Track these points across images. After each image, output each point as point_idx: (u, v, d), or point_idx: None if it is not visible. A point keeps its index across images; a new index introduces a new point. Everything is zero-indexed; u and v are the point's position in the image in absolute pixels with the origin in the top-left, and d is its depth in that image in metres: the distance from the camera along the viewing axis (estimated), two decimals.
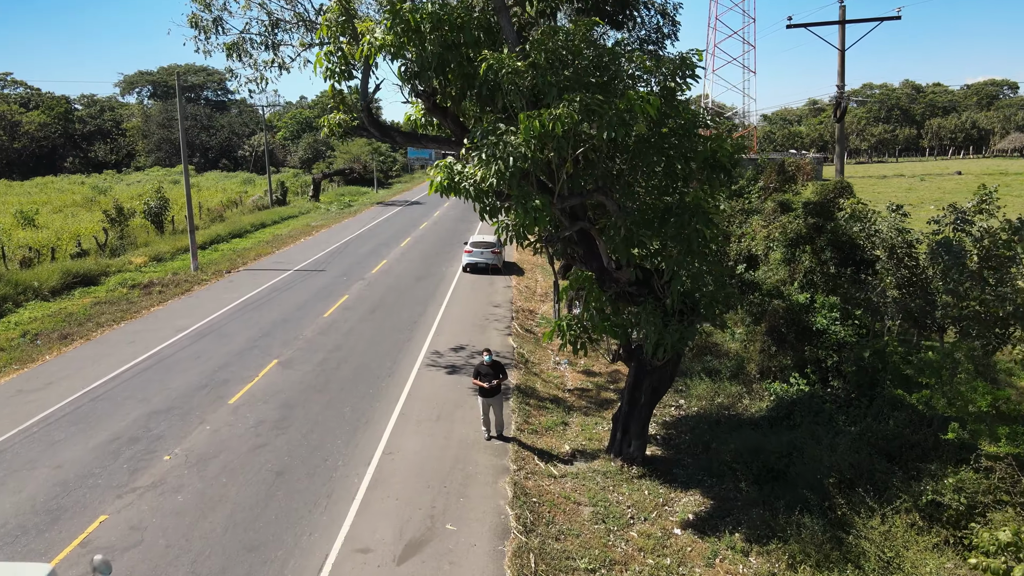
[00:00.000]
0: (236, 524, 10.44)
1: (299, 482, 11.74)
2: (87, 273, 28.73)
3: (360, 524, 10.55)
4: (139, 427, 13.81)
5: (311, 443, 13.23)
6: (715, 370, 17.81)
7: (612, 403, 16.47)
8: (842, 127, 19.96)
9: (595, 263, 12.88)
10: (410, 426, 14.15)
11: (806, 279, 17.22)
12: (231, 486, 11.56)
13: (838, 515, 10.64)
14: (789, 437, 12.68)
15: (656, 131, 11.55)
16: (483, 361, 13.59)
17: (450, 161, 11.40)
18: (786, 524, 10.54)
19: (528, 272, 30.96)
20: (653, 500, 12.21)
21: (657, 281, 12.42)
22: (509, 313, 23.30)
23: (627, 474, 12.93)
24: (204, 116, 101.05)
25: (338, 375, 16.96)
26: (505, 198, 11.52)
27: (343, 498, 11.27)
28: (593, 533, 10.99)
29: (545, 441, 14.13)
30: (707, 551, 10.77)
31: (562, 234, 12.22)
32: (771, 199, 21.03)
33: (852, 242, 16.42)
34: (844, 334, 15.50)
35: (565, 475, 12.81)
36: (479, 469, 12.45)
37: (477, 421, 14.09)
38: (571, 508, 11.65)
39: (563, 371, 18.68)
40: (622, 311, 13.03)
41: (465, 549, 10.03)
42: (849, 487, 10.93)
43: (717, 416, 15.42)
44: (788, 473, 11.96)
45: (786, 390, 15.21)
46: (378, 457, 12.73)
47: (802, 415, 13.84)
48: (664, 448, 14.51)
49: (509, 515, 10.88)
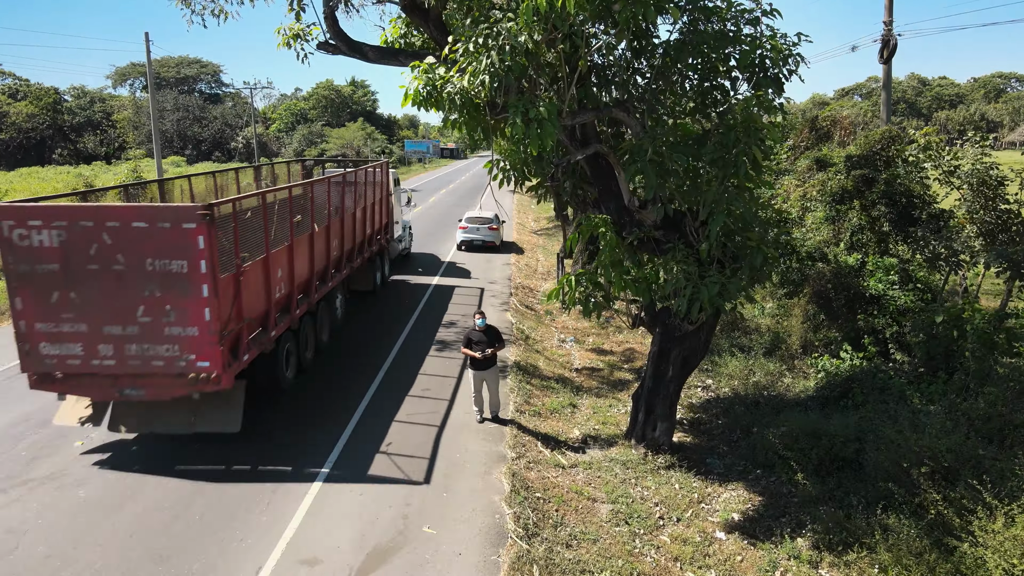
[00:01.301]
0: (147, 527, 7.96)
1: (238, 472, 9.25)
2: None
3: (310, 526, 8.07)
4: (55, 410, 11.31)
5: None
6: (746, 347, 15.34)
7: (628, 384, 13.99)
8: (889, 69, 17.55)
9: (612, 203, 10.41)
10: (389, 405, 11.65)
11: (854, 239, 14.74)
12: (149, 478, 9.07)
13: (932, 514, 8.15)
14: (855, 418, 10.19)
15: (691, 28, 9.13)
16: (475, 326, 11.11)
17: (431, 62, 8.94)
18: (868, 527, 8.05)
19: (528, 251, 28.48)
20: (686, 496, 9.73)
21: (690, 222, 9.95)
22: (507, 290, 20.81)
23: (652, 463, 10.46)
24: (197, 107, 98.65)
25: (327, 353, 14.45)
26: (500, 111, 9.05)
27: (291, 493, 8.79)
28: (614, 537, 8.50)
29: (550, 425, 11.65)
30: (763, 561, 8.29)
31: (572, 158, 9.73)
32: (804, 157, 18.58)
33: (910, 193, 13.95)
34: (905, 300, 13.02)
35: (576, 465, 10.34)
36: (468, 456, 9.98)
37: (466, 402, 11.62)
38: (585, 505, 9.17)
39: (569, 349, 16.20)
40: (645, 263, 10.57)
41: (447, 559, 7.56)
42: (946, 479, 8.44)
43: (755, 397, 12.93)
44: (859, 462, 9.48)
45: (837, 365, 12.73)
46: (343, 443, 10.25)
47: (864, 393, 11.36)
48: (693, 434, 12.03)
49: (506, 514, 8.42)
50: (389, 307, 18.23)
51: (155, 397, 9.23)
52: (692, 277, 9.35)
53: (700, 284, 9.28)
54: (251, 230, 10.06)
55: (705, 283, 9.29)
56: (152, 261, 8.64)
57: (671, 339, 10.76)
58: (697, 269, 9.45)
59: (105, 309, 8.77)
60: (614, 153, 9.83)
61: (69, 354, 8.92)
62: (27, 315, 8.81)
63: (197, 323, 8.80)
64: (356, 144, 66.77)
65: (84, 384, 9.14)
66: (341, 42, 11.10)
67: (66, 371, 8.99)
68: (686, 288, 9.34)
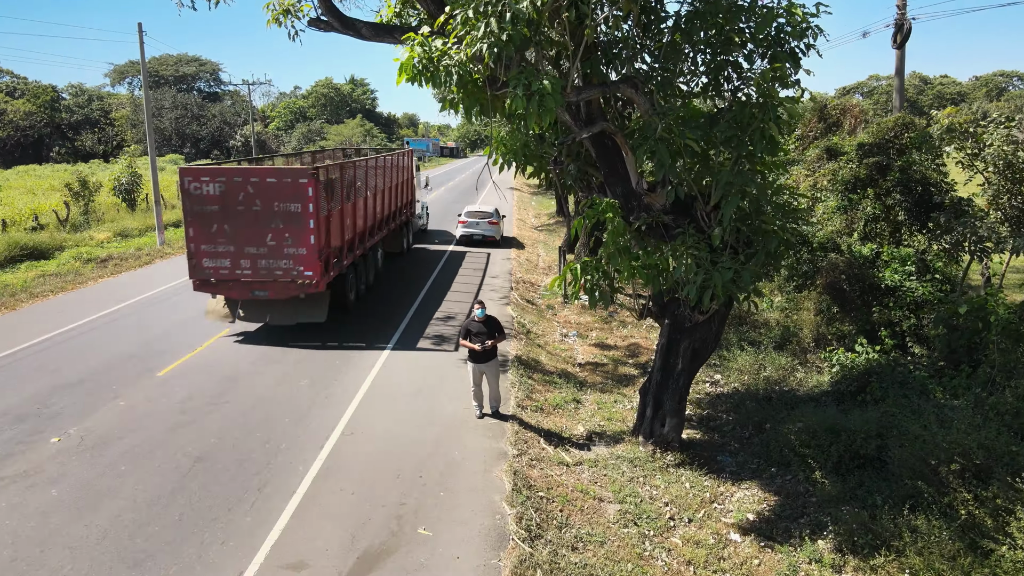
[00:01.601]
0: (121, 528, 7.42)
1: (223, 471, 8.72)
2: (39, 247, 25.74)
3: (297, 527, 7.53)
4: (35, 403, 10.80)
5: (251, 421, 10.22)
6: (755, 341, 14.80)
7: (633, 379, 13.45)
8: (902, 55, 16.98)
9: (619, 186, 9.86)
10: (381, 401, 11.13)
11: (867, 229, 14.19)
12: (130, 476, 8.54)
13: (963, 515, 7.61)
14: (876, 414, 9.65)
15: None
16: (474, 317, 10.56)
17: (427, 32, 8.40)
18: (896, 528, 7.51)
19: (529, 247, 27.93)
20: (698, 495, 9.19)
21: (701, 206, 9.41)
22: (508, 284, 20.27)
23: (661, 461, 9.92)
24: (195, 105, 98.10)
25: (299, 344, 13.94)
26: (500, 87, 8.51)
27: (279, 491, 8.25)
28: (622, 540, 7.96)
29: (553, 421, 11.11)
30: (781, 565, 7.75)
31: (578, 136, 9.19)
32: (813, 147, 18.03)
33: (927, 180, 13.40)
34: (922, 291, 12.48)
35: (580, 462, 9.79)
36: (467, 454, 9.44)
37: (466, 396, 11.09)
38: (590, 505, 8.63)
39: (572, 343, 15.65)
40: (654, 249, 10.03)
41: (444, 563, 7.02)
42: (977, 477, 7.90)
43: (766, 392, 12.39)
44: (881, 459, 8.94)
45: (853, 359, 12.18)
46: (335, 438, 9.72)
47: (883, 387, 10.82)
48: (702, 430, 11.49)
49: (507, 515, 7.88)
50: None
51: (275, 296, 13.63)
52: (703, 263, 8.81)
53: (712, 270, 8.74)
54: (334, 189, 14.36)
55: (717, 269, 8.75)
56: (278, 204, 13.15)
57: (680, 330, 10.23)
58: (709, 255, 8.92)
59: (246, 237, 13.30)
60: (621, 132, 9.28)
61: (221, 266, 13.48)
62: (195, 240, 13.40)
63: (306, 246, 13.27)
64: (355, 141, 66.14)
65: (229, 287, 13.65)
66: (333, 18, 10.57)
67: (218, 278, 13.56)
68: (697, 275, 8.81)
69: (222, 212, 13.19)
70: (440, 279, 20.56)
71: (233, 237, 13.29)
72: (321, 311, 14.11)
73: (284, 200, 13.13)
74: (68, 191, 33.53)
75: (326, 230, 13.75)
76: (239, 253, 13.35)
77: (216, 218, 13.20)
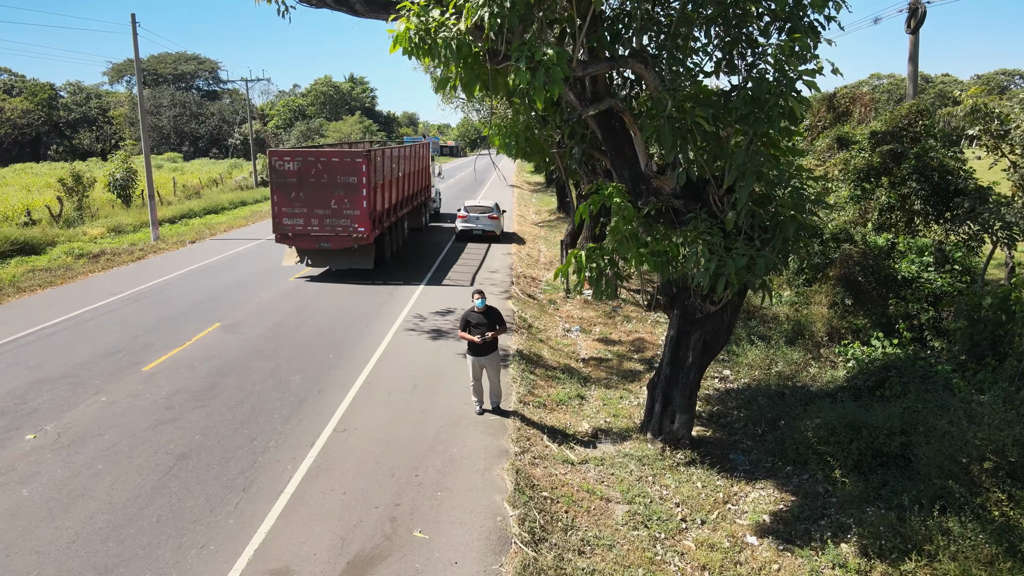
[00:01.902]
0: (94, 531, 6.91)
1: (207, 469, 8.20)
2: (30, 242, 25.18)
3: (283, 530, 7.01)
4: (12, 399, 10.27)
5: (237, 418, 9.70)
6: (765, 336, 14.29)
7: (639, 375, 12.94)
8: (916, 40, 16.44)
9: (626, 169, 9.35)
10: (376, 397, 10.61)
11: (882, 219, 13.68)
12: (107, 475, 8.02)
13: (997, 516, 7.11)
14: (899, 409, 9.13)
15: None
16: (473, 307, 10.04)
17: (422, 2, 7.88)
18: (927, 531, 6.99)
19: (530, 242, 27.41)
20: (710, 495, 8.68)
21: (713, 190, 8.89)
22: (508, 278, 19.75)
23: (670, 459, 9.40)
24: (194, 104, 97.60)
25: (293, 339, 13.44)
26: (501, 60, 8.00)
27: (266, 491, 7.74)
28: (632, 543, 7.45)
29: (557, 417, 10.59)
30: (802, 570, 7.24)
31: (584, 113, 8.66)
32: (822, 137, 17.51)
33: (945, 168, 12.89)
34: (941, 282, 11.97)
35: (586, 461, 9.27)
36: (467, 452, 8.92)
37: (465, 392, 10.57)
38: (597, 506, 8.11)
39: (575, 338, 15.13)
40: (664, 236, 9.52)
41: (441, 569, 6.50)
42: (1012, 476, 7.39)
43: (778, 388, 11.87)
44: (906, 457, 8.42)
45: (869, 353, 11.67)
46: (327, 436, 9.20)
47: (903, 382, 10.31)
48: (712, 427, 10.97)
49: (509, 516, 7.36)
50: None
51: (335, 247, 18.08)
52: (717, 249, 8.30)
53: (726, 257, 8.23)
54: (377, 167, 18.64)
55: (731, 256, 8.24)
56: (339, 177, 17.56)
57: (691, 321, 9.71)
58: (722, 241, 8.40)
59: (315, 202, 17.68)
60: (629, 111, 8.77)
61: (296, 224, 17.89)
62: (278, 204, 17.89)
63: (359, 208, 17.68)
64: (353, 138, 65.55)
65: (301, 240, 18.14)
66: None
67: (294, 233, 18.00)
68: (710, 261, 8.29)
69: (298, 183, 17.80)
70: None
71: (306, 202, 17.81)
72: (369, 260, 18.93)
73: (344, 174, 17.71)
74: (62, 186, 32.99)
75: (373, 198, 18.15)
76: (310, 214, 17.86)
77: (293, 188, 17.82)
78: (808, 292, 15.68)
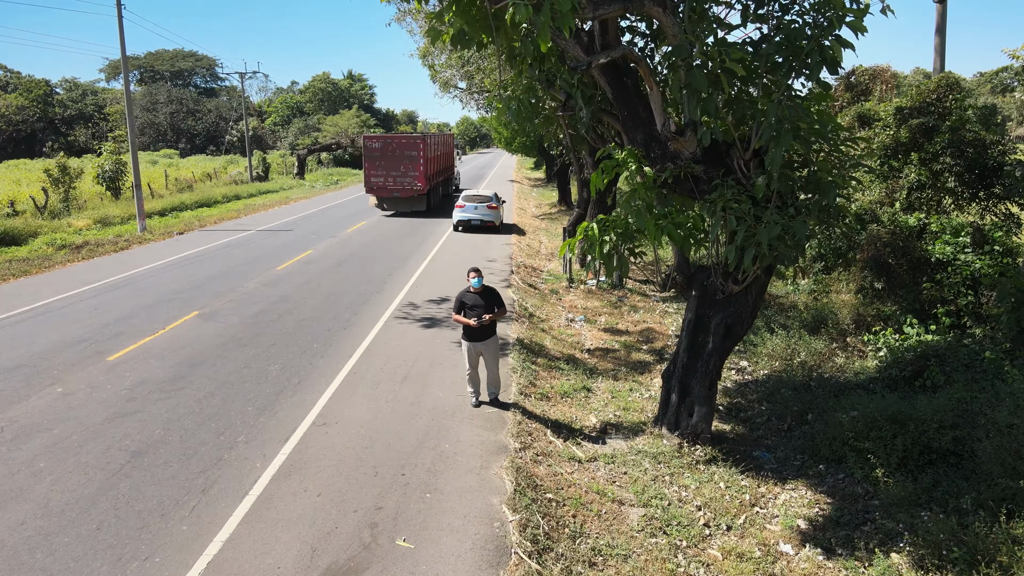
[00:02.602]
0: (21, 539, 5.90)
1: (163, 468, 7.20)
2: (11, 232, 24.21)
3: (244, 538, 6.00)
4: None
5: (205, 411, 8.69)
6: (784, 325, 13.27)
7: (649, 366, 11.93)
8: (944, 10, 15.47)
9: (640, 132, 8.33)
10: (362, 388, 9.60)
11: (911, 198, 12.67)
12: (47, 474, 7.02)
13: None
14: (948, 401, 8.12)
15: None
16: (468, 287, 9.03)
17: None
18: (995, 539, 5.98)
19: (531, 233, 26.41)
20: (735, 497, 7.67)
21: (739, 153, 7.88)
22: (508, 268, 18.74)
23: (689, 457, 8.39)
24: (191, 100, 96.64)
25: (274, 328, 12.43)
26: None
27: (228, 493, 6.73)
28: (650, 552, 6.43)
29: (561, 410, 9.58)
30: None
31: (595, 60, 7.63)
32: (841, 115, 16.52)
33: (982, 142, 11.89)
34: (980, 264, 10.96)
35: (595, 458, 8.26)
36: (460, 448, 7.91)
37: (460, 383, 9.57)
38: (609, 510, 7.10)
39: (579, 328, 14.11)
40: (681, 207, 8.51)
41: None
42: None
43: (803, 379, 10.86)
44: (959, 453, 7.42)
45: (903, 340, 10.66)
46: (304, 430, 8.20)
47: (946, 372, 9.30)
48: (731, 421, 9.96)
49: (508, 522, 6.35)
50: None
51: (403, 196, 29.68)
52: (746, 216, 7.30)
53: (757, 226, 7.23)
54: (428, 146, 30.11)
55: (763, 225, 7.24)
56: (408, 152, 29.16)
57: (711, 303, 8.71)
58: (751, 209, 7.40)
59: (391, 167, 29.29)
60: (645, 61, 7.75)
61: (380, 183, 29.43)
62: (369, 170, 29.38)
63: (419, 171, 29.21)
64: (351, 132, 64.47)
65: (381, 192, 29.66)
66: None
67: (378, 188, 29.58)
68: (739, 231, 7.29)
69: (381, 156, 28.87)
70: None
71: (385, 167, 29.00)
72: (423, 206, 30.30)
73: (409, 150, 28.94)
74: (47, 177, 32.01)
75: (426, 166, 29.24)
76: (387, 176, 29.05)
77: (378, 158, 28.91)
78: (827, 280, 14.68)
